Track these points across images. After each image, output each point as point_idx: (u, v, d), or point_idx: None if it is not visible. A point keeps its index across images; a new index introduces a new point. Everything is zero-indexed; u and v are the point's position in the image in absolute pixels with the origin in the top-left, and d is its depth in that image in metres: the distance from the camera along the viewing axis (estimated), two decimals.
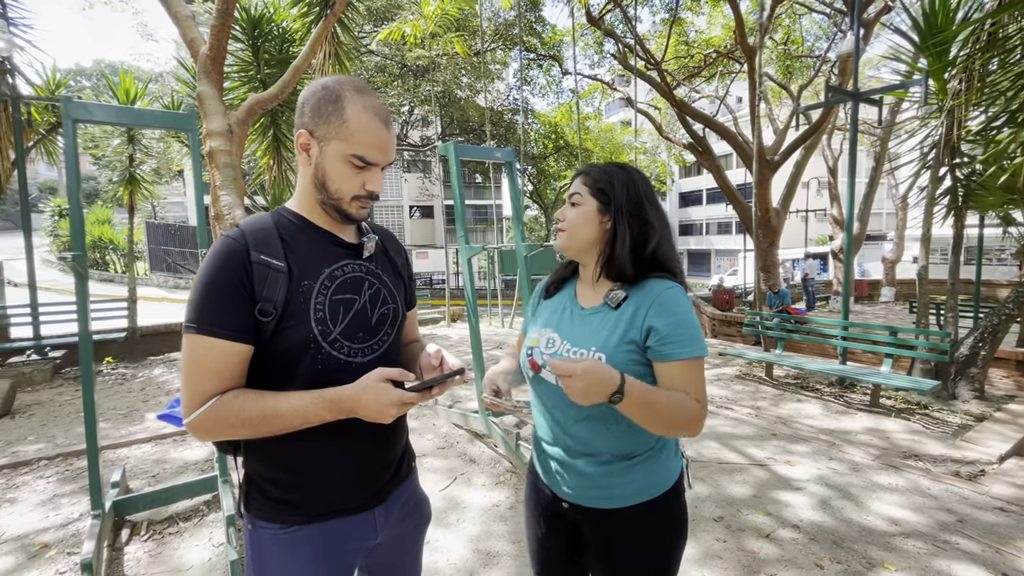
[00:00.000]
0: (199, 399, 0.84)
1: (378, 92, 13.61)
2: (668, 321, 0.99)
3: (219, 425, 0.84)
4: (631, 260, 1.05)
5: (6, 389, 4.59)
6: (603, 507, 1.08)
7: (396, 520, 1.06)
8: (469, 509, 2.80)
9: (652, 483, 1.07)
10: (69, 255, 2.20)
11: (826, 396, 5.02)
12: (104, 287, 17.59)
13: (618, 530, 1.08)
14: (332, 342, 0.91)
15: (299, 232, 0.94)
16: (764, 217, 10.16)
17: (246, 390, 0.87)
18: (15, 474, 3.31)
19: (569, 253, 1.14)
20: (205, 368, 0.84)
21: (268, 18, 6.27)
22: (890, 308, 13.81)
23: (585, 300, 1.13)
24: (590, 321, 1.08)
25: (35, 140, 6.84)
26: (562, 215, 1.12)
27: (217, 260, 0.85)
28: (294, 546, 0.93)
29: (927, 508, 2.76)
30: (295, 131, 0.93)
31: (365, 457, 0.98)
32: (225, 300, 0.84)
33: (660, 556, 1.09)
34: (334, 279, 0.94)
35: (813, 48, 13.61)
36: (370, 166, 0.92)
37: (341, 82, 0.91)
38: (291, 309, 0.88)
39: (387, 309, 1.02)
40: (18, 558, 2.39)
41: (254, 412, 0.83)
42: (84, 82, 24.62)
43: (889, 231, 21.69)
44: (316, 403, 0.85)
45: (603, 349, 1.02)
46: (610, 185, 1.08)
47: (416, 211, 27.36)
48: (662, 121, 16.17)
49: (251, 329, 0.86)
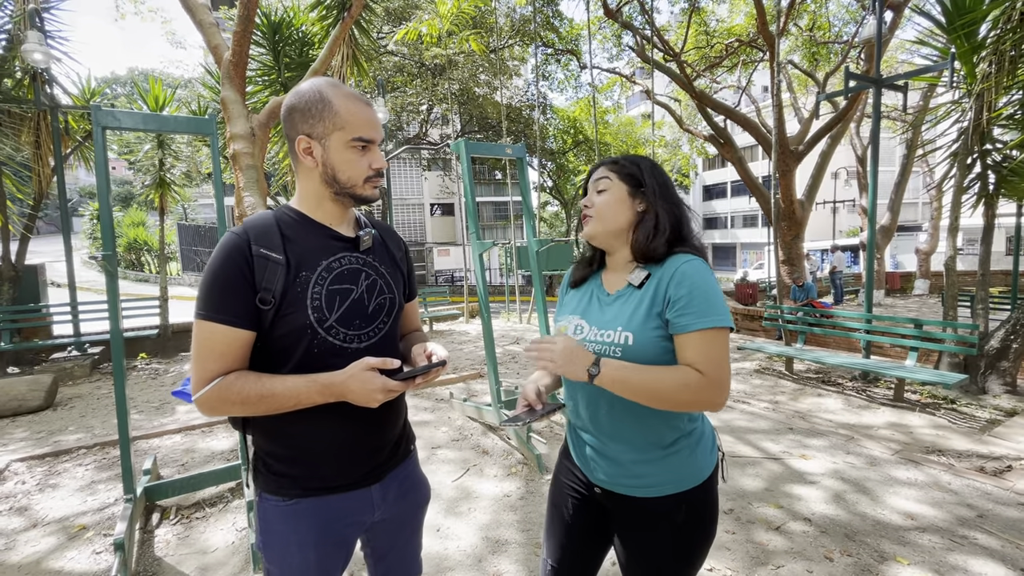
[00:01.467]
0: (205, 379, 0.92)
1: (397, 91, 13.79)
2: (684, 291, 0.98)
3: (221, 403, 0.92)
4: (666, 242, 1.06)
5: (48, 383, 4.87)
6: (635, 495, 1.08)
7: (393, 499, 1.11)
8: (481, 499, 2.86)
9: (685, 474, 1.07)
10: (99, 255, 2.33)
11: (848, 391, 4.91)
12: (139, 287, 18.34)
13: (647, 519, 1.08)
14: (328, 328, 0.98)
15: (299, 228, 1.01)
16: (788, 209, 9.94)
17: (247, 372, 0.94)
18: (57, 462, 3.52)
19: (597, 240, 1.13)
20: (210, 351, 0.92)
21: (288, 22, 6.44)
22: (923, 301, 13.32)
23: (611, 286, 1.14)
24: (615, 303, 1.09)
25: (73, 147, 7.19)
26: (588, 202, 1.12)
27: (221, 253, 0.93)
28: (296, 517, 1.00)
29: (946, 503, 2.69)
30: (290, 143, 1.00)
31: (361, 437, 1.04)
32: (228, 290, 0.91)
33: (686, 548, 1.08)
34: (331, 270, 1.00)
35: (840, 34, 13.17)
36: (370, 145, 0.99)
37: (316, 83, 0.98)
38: (289, 298, 0.94)
39: (384, 299, 1.07)
40: (59, 539, 2.56)
41: (252, 392, 0.91)
42: (119, 90, 25.61)
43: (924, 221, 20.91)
44: (309, 386, 0.92)
45: (628, 328, 1.02)
46: (638, 169, 1.09)
47: (437, 209, 27.59)
48: (683, 113, 15.91)
49: (252, 316, 0.93)
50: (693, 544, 1.09)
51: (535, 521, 2.61)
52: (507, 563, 2.26)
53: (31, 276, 6.82)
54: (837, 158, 13.67)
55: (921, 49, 5.43)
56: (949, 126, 5.01)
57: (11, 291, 6.33)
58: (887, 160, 26.21)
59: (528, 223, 3.90)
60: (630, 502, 1.09)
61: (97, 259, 2.36)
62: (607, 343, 1.04)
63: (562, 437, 3.67)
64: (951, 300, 4.93)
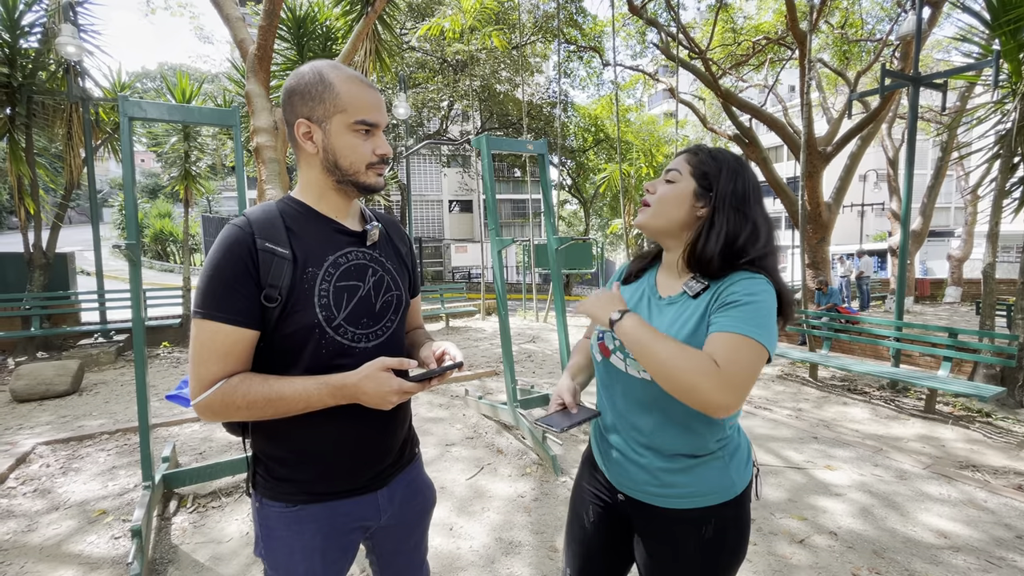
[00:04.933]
0: (207, 381, 0.86)
1: (418, 87, 13.82)
2: (736, 296, 0.91)
3: (225, 407, 0.87)
4: (720, 255, 0.96)
5: (75, 369, 4.99)
6: (661, 505, 1.02)
7: (399, 504, 1.08)
8: (494, 499, 2.82)
9: (716, 487, 1.00)
10: (123, 243, 2.36)
11: (875, 400, 4.75)
12: (164, 276, 18.78)
13: (672, 532, 1.02)
14: (336, 328, 0.94)
15: (304, 220, 0.96)
16: (814, 211, 9.67)
17: (252, 374, 0.89)
18: (80, 446, 3.60)
19: (648, 231, 1.05)
20: (212, 352, 0.86)
21: (312, 17, 6.48)
22: (955, 309, 12.88)
23: (665, 289, 1.06)
24: (669, 309, 1.02)
25: (103, 139, 7.36)
26: (652, 187, 1.04)
27: (224, 248, 0.87)
28: (300, 523, 0.97)
29: (982, 522, 2.57)
30: (289, 128, 0.94)
31: (366, 441, 1.00)
32: (231, 286, 0.86)
33: (712, 567, 1.01)
34: (338, 266, 0.95)
35: (874, 32, 12.77)
36: (374, 129, 0.94)
37: (316, 65, 0.93)
38: (296, 295, 0.90)
39: (391, 296, 1.03)
40: (80, 522, 2.60)
41: (259, 396, 0.86)
42: (148, 84, 26.25)
43: (957, 227, 20.20)
44: (320, 389, 0.87)
45: (681, 337, 0.96)
46: (716, 170, 0.99)
47: (455, 205, 27.66)
48: (707, 112, 15.63)
49: (256, 315, 0.88)
50: (719, 563, 1.01)
51: (549, 523, 2.56)
52: (520, 565, 2.22)
53: (61, 264, 7.01)
54: (866, 160, 13.26)
55: (961, 47, 5.21)
56: (990, 128, 4.80)
57: (42, 278, 6.51)
58: (920, 163, 25.42)
59: (548, 221, 3.84)
60: (655, 512, 1.03)
61: (121, 248, 2.39)
62: None
63: (578, 439, 3.61)
64: (989, 309, 4.72)
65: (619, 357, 1.04)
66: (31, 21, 6.13)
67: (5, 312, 6.26)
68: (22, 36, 6.08)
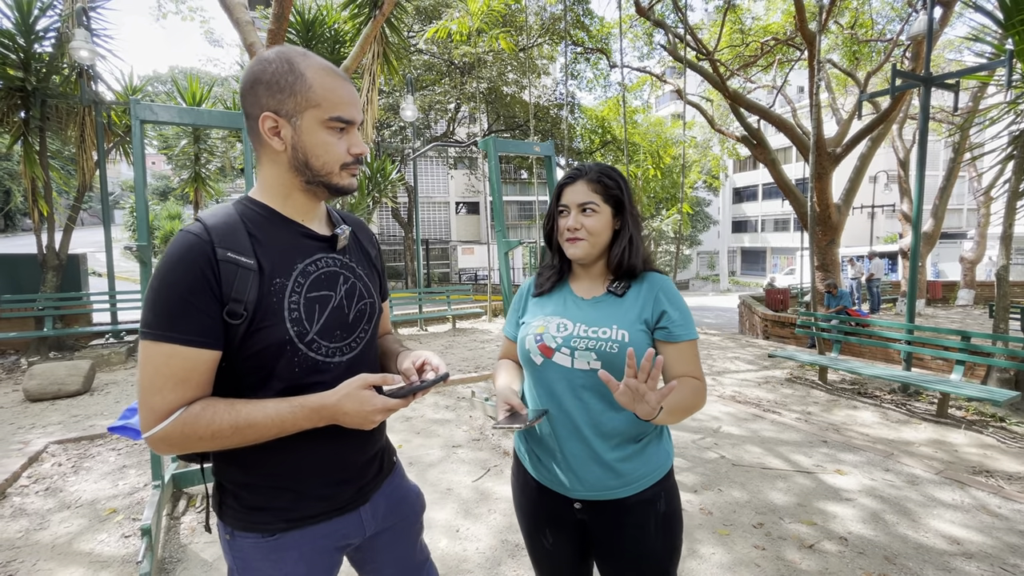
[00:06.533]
0: (161, 411, 0.76)
1: (425, 89, 13.87)
2: (678, 309, 1.11)
3: (185, 439, 0.77)
4: (641, 262, 1.14)
5: (87, 369, 5.05)
6: (619, 497, 1.09)
7: (383, 516, 1.03)
8: (500, 501, 2.82)
9: (659, 463, 1.13)
10: (134, 245, 2.38)
11: (886, 404, 4.69)
12: None
13: (634, 517, 1.09)
14: (309, 343, 0.86)
15: (268, 225, 0.86)
16: (823, 213, 9.59)
17: (215, 399, 0.80)
18: (91, 445, 3.64)
19: (587, 260, 1.15)
20: (168, 377, 0.76)
21: (321, 21, 6.53)
22: (967, 312, 12.71)
23: (585, 292, 1.17)
24: (599, 307, 1.13)
25: (115, 142, 7.46)
26: (577, 223, 1.11)
27: (177, 259, 0.77)
28: (279, 551, 0.89)
29: (995, 529, 2.53)
30: (251, 121, 0.84)
31: (345, 457, 0.94)
32: (187, 302, 0.76)
33: (671, 535, 1.13)
34: (308, 275, 0.87)
35: (884, 32, 12.65)
36: (349, 126, 0.86)
37: (284, 51, 0.84)
38: (264, 309, 0.81)
39: (364, 304, 0.96)
40: (90, 521, 2.63)
41: (225, 423, 0.77)
42: (159, 87, 26.56)
43: (969, 229, 19.94)
44: (295, 412, 0.80)
45: (623, 326, 1.08)
46: (620, 190, 1.13)
47: (462, 207, 27.72)
48: (715, 113, 15.54)
49: (218, 333, 0.78)
50: (675, 530, 1.14)
51: None
52: (525, 568, 2.22)
53: (74, 265, 7.11)
54: (877, 161, 13.14)
55: (973, 46, 5.15)
56: (1004, 128, 4.73)
57: (55, 279, 6.60)
58: (931, 164, 25.15)
59: None
60: (616, 506, 1.09)
61: (132, 249, 2.42)
62: (603, 339, 1.07)
63: None
64: (1003, 312, 4.66)
65: (564, 353, 1.10)
66: (45, 26, 6.23)
67: (19, 312, 6.35)
68: (37, 41, 6.18)
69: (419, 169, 22.85)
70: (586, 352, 1.07)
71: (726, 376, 5.83)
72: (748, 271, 37.47)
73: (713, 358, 6.79)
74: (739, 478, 3.09)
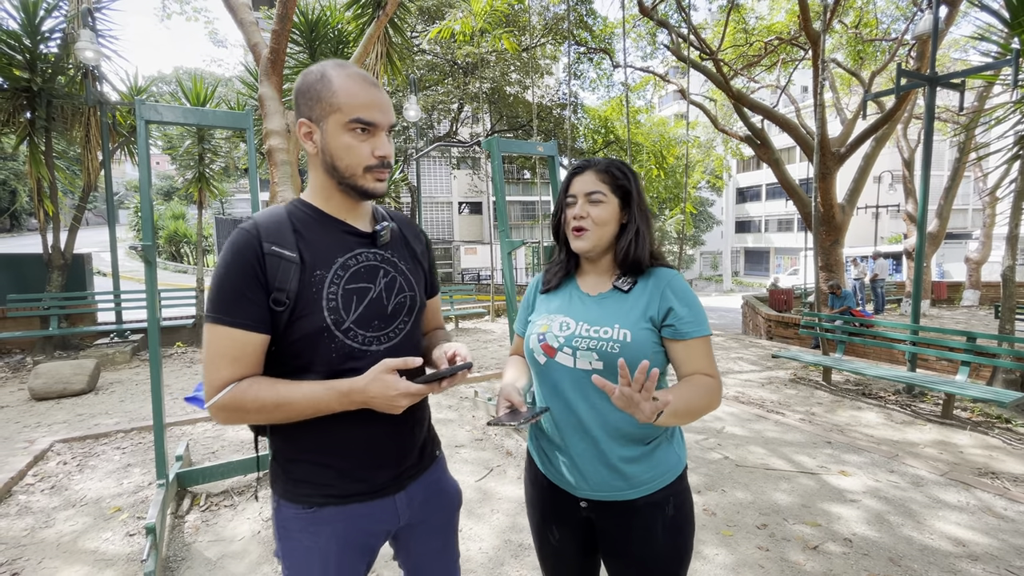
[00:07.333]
0: (218, 385, 0.86)
1: (428, 89, 13.88)
2: (686, 305, 1.07)
3: (236, 411, 0.86)
4: (648, 252, 1.11)
5: (92, 368, 5.07)
6: (626, 498, 1.07)
7: (419, 507, 1.05)
8: (503, 501, 2.82)
9: (669, 466, 1.09)
10: (139, 244, 2.39)
11: (890, 405, 4.67)
12: (178, 277, 19.03)
13: (641, 520, 1.07)
14: (346, 331, 0.92)
15: (313, 223, 0.94)
16: (827, 213, 9.56)
17: (261, 378, 0.88)
18: (96, 444, 3.66)
19: (593, 254, 1.13)
20: (223, 356, 0.86)
21: (325, 21, 6.54)
22: (972, 313, 12.64)
23: (592, 288, 1.15)
24: (603, 303, 1.10)
25: (119, 142, 7.49)
26: (584, 212, 1.09)
27: (231, 252, 0.87)
28: (316, 525, 0.95)
29: (1000, 531, 2.51)
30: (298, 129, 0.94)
31: (384, 441, 0.99)
32: (240, 291, 0.86)
33: (680, 540, 1.09)
34: (347, 268, 0.94)
35: (889, 31, 12.59)
36: (372, 129, 0.91)
37: (323, 64, 0.91)
38: (304, 299, 0.89)
39: (404, 297, 1.01)
40: (95, 519, 2.64)
41: (268, 400, 0.86)
42: (164, 87, 26.66)
43: (975, 229, 19.83)
44: (328, 394, 0.87)
45: (626, 325, 1.05)
46: (628, 182, 1.11)
47: (465, 207, 27.73)
48: (718, 113, 15.50)
49: (266, 319, 0.87)
50: (685, 534, 1.10)
51: None
52: (528, 568, 2.22)
53: (79, 265, 7.14)
54: (881, 161, 13.08)
55: (979, 46, 5.12)
56: (1010, 128, 4.70)
57: (60, 279, 6.64)
58: (936, 164, 25.02)
59: None
60: (623, 507, 1.07)
61: (137, 249, 2.43)
62: (604, 339, 1.04)
63: None
64: (1008, 313, 4.63)
65: (567, 353, 1.08)
66: (51, 27, 6.26)
67: (25, 312, 6.39)
68: (42, 41, 6.21)
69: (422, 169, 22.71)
70: (587, 352, 1.05)
71: (729, 377, 5.82)
72: (751, 271, 37.36)
73: (717, 358, 6.72)
74: (743, 479, 3.08)
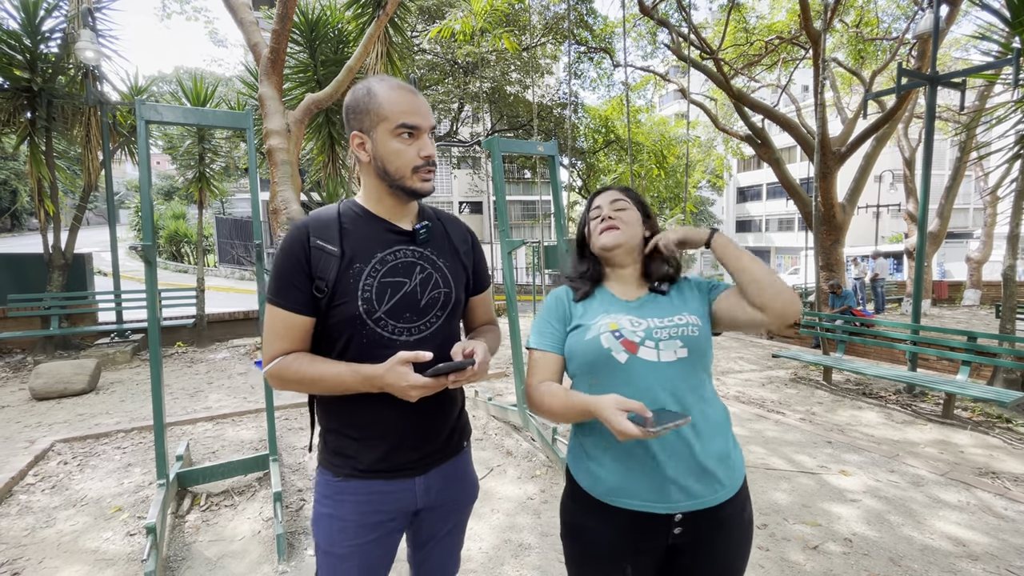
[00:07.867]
0: (270, 355, 1.01)
1: (428, 89, 13.88)
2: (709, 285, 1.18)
3: (283, 380, 1.00)
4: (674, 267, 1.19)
5: (92, 368, 5.08)
6: (719, 501, 1.01)
7: (437, 492, 1.11)
8: (503, 500, 2.82)
9: (741, 464, 1.08)
10: (139, 244, 2.39)
11: (891, 404, 4.67)
12: (179, 277, 19.01)
13: (724, 527, 1.02)
14: (377, 320, 1.01)
15: (359, 221, 1.05)
16: (828, 212, 9.55)
17: (304, 354, 1.01)
18: (97, 444, 3.66)
19: (619, 251, 1.13)
20: (275, 332, 1.00)
21: (325, 21, 6.54)
22: (973, 312, 12.63)
23: (627, 295, 1.15)
24: (658, 302, 1.13)
25: (120, 142, 7.49)
26: (612, 214, 1.14)
27: (284, 244, 1.01)
28: (341, 495, 1.05)
29: (1000, 531, 2.51)
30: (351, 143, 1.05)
31: (412, 423, 1.05)
32: (288, 278, 0.99)
33: (749, 543, 1.08)
34: (386, 263, 1.03)
35: (889, 30, 12.58)
36: (416, 132, 1.00)
37: (367, 81, 1.03)
38: (341, 288, 0.99)
39: (438, 293, 1.08)
40: (96, 519, 2.65)
41: (306, 374, 0.98)
42: (164, 87, 26.64)
43: (976, 228, 19.81)
44: (353, 376, 0.96)
45: (693, 313, 1.09)
46: (642, 202, 1.21)
47: (465, 207, 27.74)
48: (718, 113, 15.49)
49: (310, 303, 1.00)
50: (751, 537, 1.09)
51: (557, 526, 2.54)
52: (528, 568, 2.22)
53: (79, 264, 7.14)
54: (882, 160, 13.06)
55: (980, 45, 5.11)
56: (1011, 127, 4.70)
57: (61, 278, 6.64)
58: (937, 163, 24.99)
59: (558, 222, 3.83)
60: (712, 515, 1.01)
61: (137, 249, 2.43)
62: (681, 324, 1.05)
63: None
64: (1009, 312, 4.62)
65: (649, 347, 1.02)
66: (51, 27, 6.26)
67: (25, 312, 6.39)
68: (42, 41, 6.21)
69: None
70: (671, 341, 1.02)
71: (729, 376, 5.81)
72: None
73: (716, 358, 6.77)
74: None
